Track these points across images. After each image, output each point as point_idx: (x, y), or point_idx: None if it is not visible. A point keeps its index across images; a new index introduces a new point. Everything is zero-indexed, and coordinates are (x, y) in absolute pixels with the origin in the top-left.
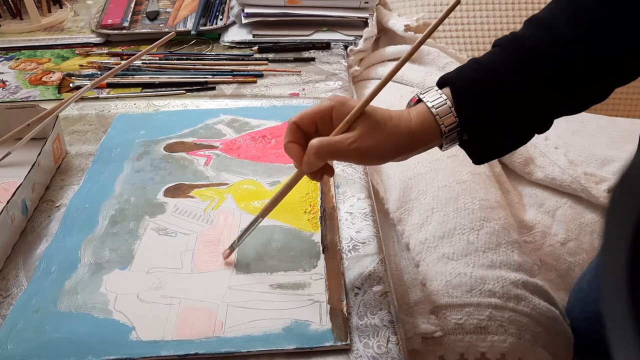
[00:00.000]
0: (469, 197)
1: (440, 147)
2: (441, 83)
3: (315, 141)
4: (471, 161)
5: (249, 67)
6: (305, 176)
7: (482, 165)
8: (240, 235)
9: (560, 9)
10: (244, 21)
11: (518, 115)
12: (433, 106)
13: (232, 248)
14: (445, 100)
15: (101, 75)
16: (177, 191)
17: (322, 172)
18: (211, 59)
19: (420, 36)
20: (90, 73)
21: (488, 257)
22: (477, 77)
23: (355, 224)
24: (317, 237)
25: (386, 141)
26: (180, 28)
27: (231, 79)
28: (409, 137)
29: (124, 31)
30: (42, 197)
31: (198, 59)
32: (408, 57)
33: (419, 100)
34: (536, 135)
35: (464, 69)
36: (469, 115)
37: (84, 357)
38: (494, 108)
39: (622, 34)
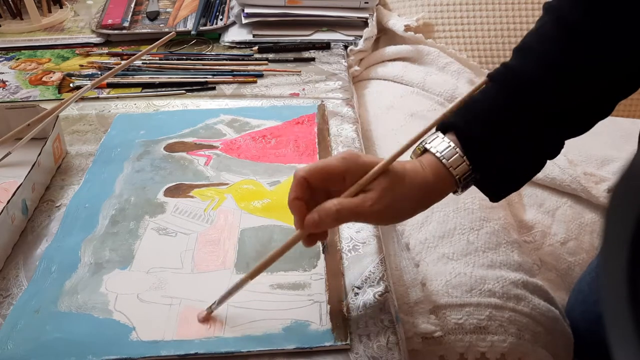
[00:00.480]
0: (469, 196)
1: (455, 192)
2: (443, 128)
3: (334, 203)
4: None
5: (249, 67)
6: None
7: None
8: (223, 297)
9: (546, 33)
10: (244, 21)
11: (528, 150)
12: (443, 157)
13: (210, 310)
14: (454, 147)
15: (101, 75)
16: (177, 191)
17: (318, 237)
18: (211, 59)
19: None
20: (90, 73)
21: (488, 257)
22: (480, 119)
23: (355, 224)
24: None
25: (405, 199)
26: (181, 28)
27: (231, 79)
28: (425, 191)
29: (124, 31)
30: (43, 197)
31: (198, 59)
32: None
33: (425, 150)
34: None
35: (464, 112)
36: (481, 160)
37: (84, 357)
38: (504, 148)
39: (610, 46)
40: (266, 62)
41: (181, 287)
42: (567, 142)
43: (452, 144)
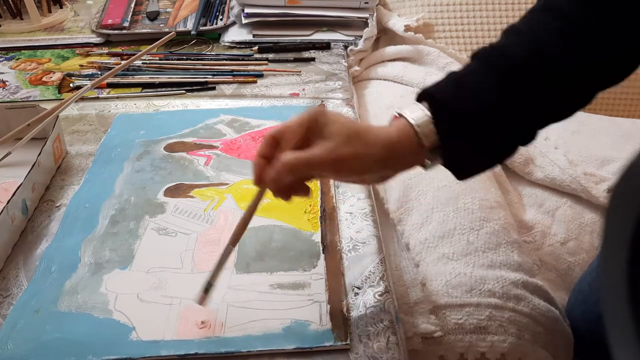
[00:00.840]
0: (469, 197)
1: (424, 166)
2: (420, 97)
3: (288, 154)
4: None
5: (249, 67)
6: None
7: None
8: (214, 271)
9: (538, 18)
10: (244, 21)
11: (501, 131)
12: (413, 119)
13: (206, 291)
14: (426, 114)
15: (101, 75)
16: (177, 191)
17: (293, 191)
18: (211, 59)
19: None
20: (90, 73)
21: (488, 257)
22: (456, 92)
23: (355, 224)
24: (317, 237)
25: (365, 151)
26: (181, 28)
27: (231, 79)
28: (388, 147)
29: (124, 31)
30: (42, 197)
31: (198, 59)
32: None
33: (400, 117)
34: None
35: (442, 83)
36: (449, 128)
37: (84, 357)
38: (476, 124)
39: (604, 37)
40: (266, 62)
41: (181, 287)
42: (566, 142)
43: (425, 111)
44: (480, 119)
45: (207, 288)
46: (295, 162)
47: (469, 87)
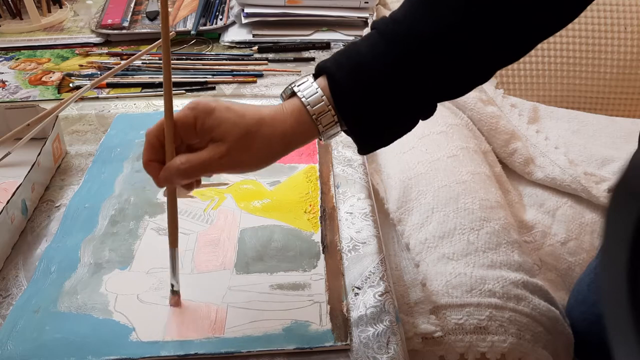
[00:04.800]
0: (469, 197)
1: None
2: (318, 71)
3: (181, 160)
4: (470, 161)
5: (249, 67)
6: (305, 176)
7: (482, 165)
8: (172, 272)
9: None
10: (244, 21)
11: (400, 104)
12: (309, 103)
13: (174, 292)
14: (322, 96)
15: (101, 75)
16: (177, 191)
17: (191, 185)
18: (211, 59)
19: None
20: (90, 73)
21: (488, 257)
22: (355, 68)
23: (355, 224)
24: (317, 237)
25: (260, 150)
26: (180, 28)
27: (231, 79)
28: (284, 141)
29: (124, 31)
30: (42, 197)
31: (198, 59)
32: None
33: (293, 94)
34: (536, 134)
35: (340, 58)
36: (349, 110)
37: (83, 358)
38: (375, 99)
39: (505, 13)
40: (266, 62)
41: (181, 288)
42: (567, 141)
43: (321, 92)
44: (376, 91)
45: (172, 290)
46: (188, 168)
47: (365, 59)
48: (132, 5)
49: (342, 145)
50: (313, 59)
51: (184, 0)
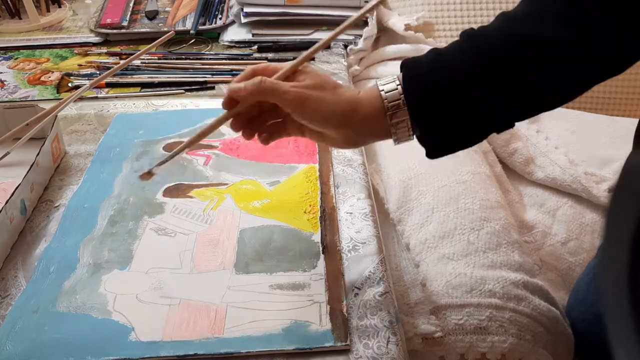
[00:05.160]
0: (469, 197)
1: (391, 137)
2: (400, 67)
3: (259, 77)
4: (470, 161)
5: (249, 67)
6: (305, 176)
7: (482, 165)
8: (165, 159)
9: (535, 6)
10: (244, 20)
11: (473, 112)
12: (383, 89)
13: (150, 172)
14: (397, 85)
15: (100, 74)
16: (177, 191)
17: (255, 127)
18: (210, 59)
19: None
20: (89, 73)
21: (488, 257)
22: (432, 67)
23: (355, 224)
24: (316, 237)
25: (328, 99)
26: (179, 27)
27: (230, 79)
28: (352, 103)
29: (123, 30)
30: (41, 197)
31: (197, 59)
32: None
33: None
34: (536, 134)
35: (422, 57)
36: (416, 99)
37: (83, 358)
38: (445, 100)
39: (609, 34)
40: (266, 61)
41: (180, 288)
42: (567, 141)
43: (397, 81)
44: (448, 93)
45: (152, 171)
46: (261, 83)
47: (445, 63)
48: (131, 4)
49: None
50: (313, 59)
51: (183, 0)
